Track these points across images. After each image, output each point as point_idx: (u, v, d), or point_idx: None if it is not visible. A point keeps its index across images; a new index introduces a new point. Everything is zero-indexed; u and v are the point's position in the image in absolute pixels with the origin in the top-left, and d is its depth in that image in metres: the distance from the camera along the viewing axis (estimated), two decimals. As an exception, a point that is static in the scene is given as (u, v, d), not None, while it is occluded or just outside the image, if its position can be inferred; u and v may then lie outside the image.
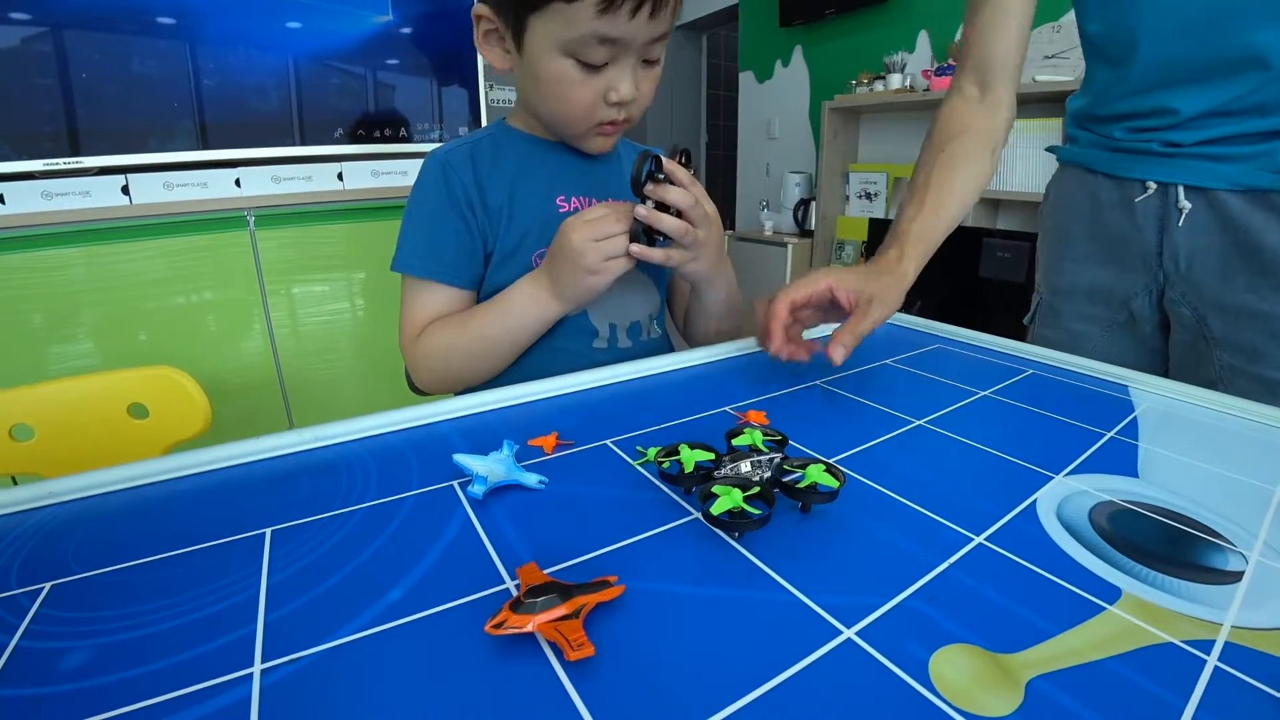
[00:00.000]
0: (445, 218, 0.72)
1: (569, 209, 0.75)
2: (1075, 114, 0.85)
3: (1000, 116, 0.80)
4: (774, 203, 3.76)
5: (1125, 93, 0.75)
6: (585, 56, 0.62)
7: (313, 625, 0.30)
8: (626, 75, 0.64)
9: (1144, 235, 0.77)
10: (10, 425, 0.83)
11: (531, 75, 0.66)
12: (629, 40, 0.61)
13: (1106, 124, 0.79)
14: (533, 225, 0.73)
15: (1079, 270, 0.86)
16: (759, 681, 0.27)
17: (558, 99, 0.66)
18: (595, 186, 0.78)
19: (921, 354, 0.72)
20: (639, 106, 0.69)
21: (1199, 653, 0.29)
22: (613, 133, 0.72)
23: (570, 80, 0.64)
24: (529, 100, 0.72)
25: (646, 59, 0.66)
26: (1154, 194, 0.75)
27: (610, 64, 0.63)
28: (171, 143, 1.58)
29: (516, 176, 0.74)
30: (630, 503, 0.41)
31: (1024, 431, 0.52)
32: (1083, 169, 0.83)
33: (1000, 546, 0.36)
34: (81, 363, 1.54)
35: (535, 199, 0.74)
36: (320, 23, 1.71)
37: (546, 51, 0.62)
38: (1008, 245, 2.33)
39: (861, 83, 3.02)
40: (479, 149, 0.74)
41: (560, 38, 0.60)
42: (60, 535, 0.38)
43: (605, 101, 0.66)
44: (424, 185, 0.74)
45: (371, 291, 1.88)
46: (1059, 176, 0.90)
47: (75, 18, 1.43)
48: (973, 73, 0.81)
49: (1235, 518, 0.40)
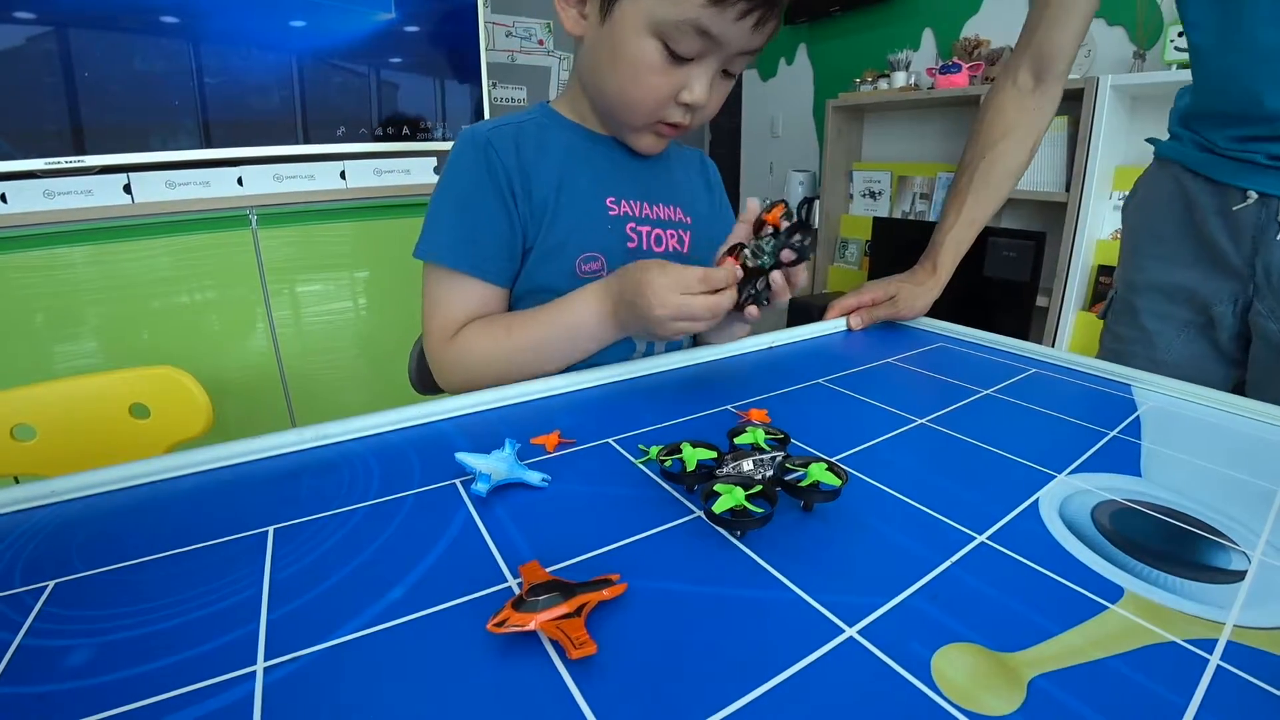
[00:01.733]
0: (485, 204, 0.66)
1: (619, 213, 0.71)
2: (1180, 112, 0.82)
3: (1048, 111, 0.82)
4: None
5: (1230, 103, 0.73)
6: (675, 44, 0.58)
7: (315, 623, 0.30)
8: (705, 77, 0.61)
9: (1238, 244, 0.75)
10: (12, 425, 0.83)
11: (610, 49, 0.61)
12: (725, 41, 0.58)
13: (1210, 128, 0.76)
14: (580, 225, 0.68)
15: (1162, 269, 0.84)
16: (761, 680, 0.27)
17: (631, 81, 0.61)
18: (648, 190, 0.74)
19: (924, 352, 0.72)
20: (704, 115, 0.65)
21: (1201, 652, 0.29)
22: (670, 135, 0.68)
23: (650, 65, 0.59)
24: (595, 76, 0.66)
25: (728, 70, 0.62)
26: (1254, 204, 0.73)
27: (695, 61, 0.60)
28: (174, 141, 1.59)
29: (564, 169, 0.69)
30: (632, 501, 0.41)
31: (1027, 430, 0.52)
32: (1180, 167, 0.81)
33: (1002, 545, 0.36)
34: (83, 362, 1.54)
35: (584, 196, 0.69)
36: (323, 20, 1.71)
37: (636, 27, 0.58)
38: (1013, 244, 2.32)
39: (866, 81, 3.01)
40: (524, 132, 0.69)
41: (656, 16, 0.56)
42: (63, 534, 0.38)
43: (676, 100, 0.62)
44: (460, 166, 0.67)
45: (374, 290, 1.88)
46: (1153, 172, 0.87)
47: (77, 17, 1.44)
48: (1031, 61, 0.82)
49: (1238, 517, 0.40)
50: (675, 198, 0.76)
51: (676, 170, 0.79)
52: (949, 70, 2.57)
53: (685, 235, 0.76)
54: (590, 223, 0.69)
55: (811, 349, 0.74)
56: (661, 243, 0.73)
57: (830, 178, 3.21)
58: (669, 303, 0.55)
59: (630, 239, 0.71)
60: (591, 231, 0.69)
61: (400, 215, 1.84)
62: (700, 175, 0.83)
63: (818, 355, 0.71)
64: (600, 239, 0.69)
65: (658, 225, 0.74)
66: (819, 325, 0.82)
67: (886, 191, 3.09)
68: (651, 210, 0.73)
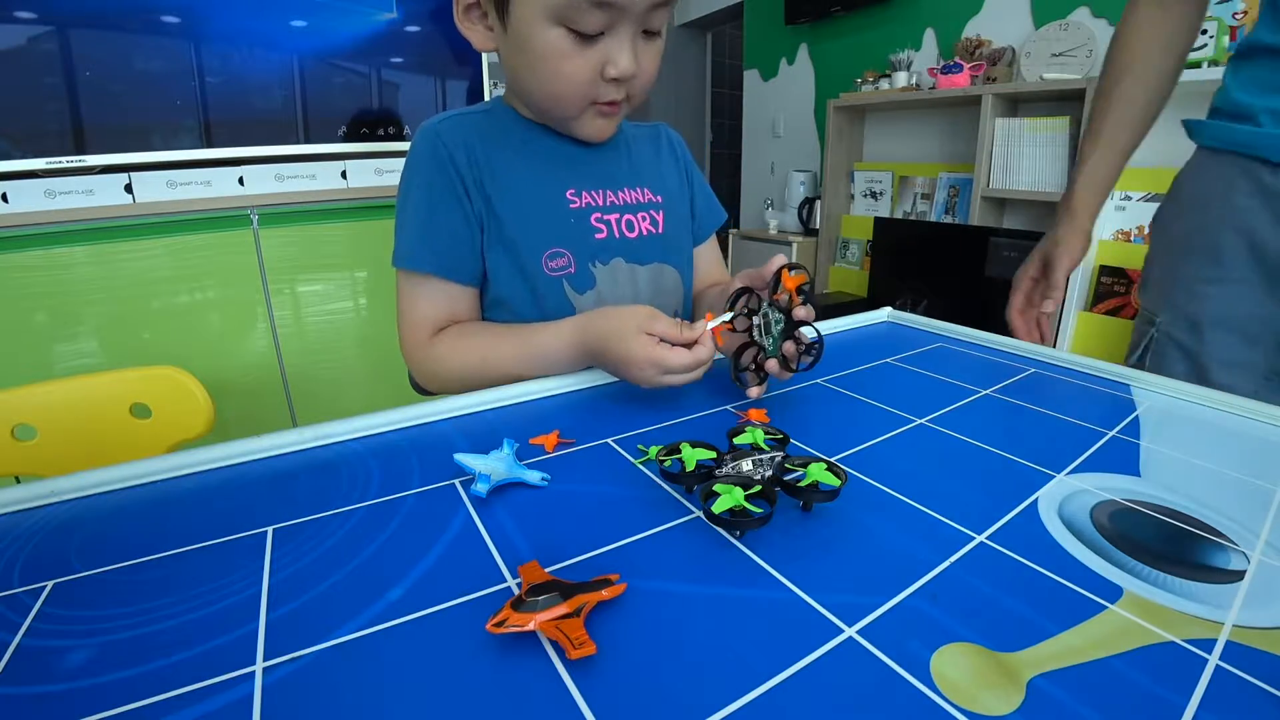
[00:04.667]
0: (441, 200, 0.65)
1: (581, 205, 0.69)
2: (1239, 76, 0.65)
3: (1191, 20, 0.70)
4: (779, 201, 3.76)
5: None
6: (578, 24, 0.56)
7: (314, 623, 0.30)
8: (625, 46, 0.58)
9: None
10: (13, 425, 0.83)
11: (518, 50, 0.60)
12: (627, 5, 0.55)
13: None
14: (541, 222, 0.67)
15: (1230, 298, 0.65)
16: (760, 680, 0.27)
17: (549, 76, 0.60)
18: (610, 177, 0.72)
19: (923, 353, 0.72)
20: (640, 84, 0.62)
21: (1200, 652, 0.29)
22: (612, 114, 0.65)
23: (562, 53, 0.57)
24: (517, 83, 0.65)
25: (647, 29, 0.59)
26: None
27: (607, 34, 0.57)
28: (175, 141, 1.59)
29: (519, 166, 0.67)
30: (632, 501, 0.41)
31: (1026, 430, 0.52)
32: (1248, 159, 0.64)
33: (1002, 545, 0.36)
34: (84, 362, 1.54)
35: (543, 193, 0.68)
36: (325, 20, 1.71)
37: (534, 21, 0.56)
38: (1013, 244, 2.32)
39: (867, 81, 3.01)
40: (477, 127, 0.67)
41: (550, 3, 0.55)
42: (62, 534, 0.38)
43: (603, 77, 0.59)
44: (415, 164, 0.67)
45: (375, 290, 1.88)
46: (1204, 166, 0.69)
47: (78, 16, 1.44)
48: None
49: (1237, 517, 0.40)
50: (640, 179, 0.74)
51: (637, 149, 0.77)
52: (950, 70, 2.57)
53: (658, 215, 0.75)
54: (551, 219, 0.67)
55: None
56: (634, 228, 0.72)
57: (831, 178, 3.21)
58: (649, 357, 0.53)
59: (598, 230, 0.70)
60: (554, 228, 0.67)
61: (401, 215, 1.83)
62: (664, 148, 0.81)
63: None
64: (564, 234, 0.68)
65: (627, 210, 0.72)
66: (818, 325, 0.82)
67: (888, 192, 3.09)
68: (617, 196, 0.72)
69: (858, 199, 3.24)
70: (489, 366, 0.64)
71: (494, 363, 0.64)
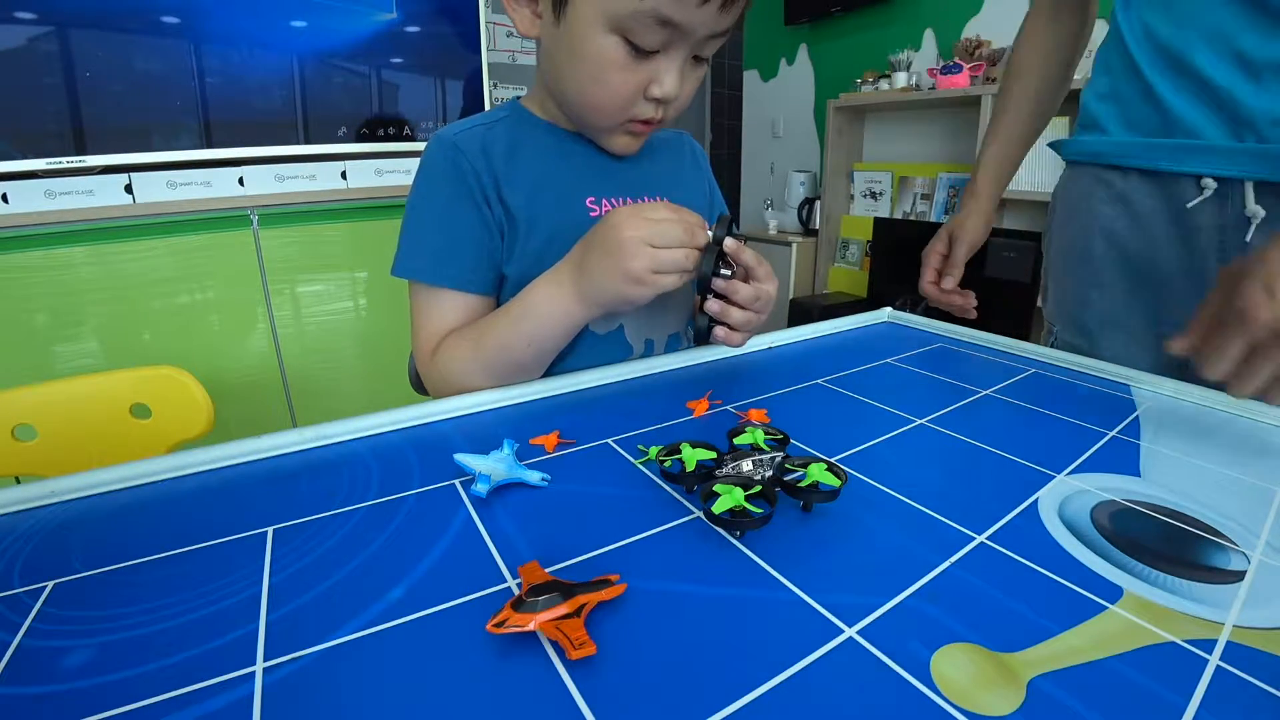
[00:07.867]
0: (458, 212, 0.63)
1: (600, 213, 0.67)
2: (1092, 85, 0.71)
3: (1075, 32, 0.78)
4: (778, 202, 3.76)
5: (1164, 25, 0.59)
6: (637, 38, 0.54)
7: (314, 624, 0.30)
8: (674, 69, 0.57)
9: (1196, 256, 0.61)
10: (13, 425, 0.83)
11: (567, 49, 0.57)
12: (690, 28, 0.54)
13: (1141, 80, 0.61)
14: (560, 230, 0.64)
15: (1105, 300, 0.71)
16: (760, 680, 0.27)
17: (594, 82, 0.58)
18: (631, 185, 0.70)
19: (923, 353, 0.72)
20: (676, 108, 0.62)
21: (1201, 652, 0.29)
22: (643, 133, 0.64)
23: (613, 63, 0.56)
24: (556, 79, 0.63)
25: (698, 55, 0.58)
26: (1211, 198, 0.58)
27: (661, 53, 0.56)
28: (175, 141, 1.59)
29: (539, 173, 0.66)
30: (632, 501, 0.41)
31: (1026, 431, 0.52)
32: (1102, 168, 0.70)
33: (1002, 545, 0.36)
34: (84, 362, 1.55)
35: (562, 200, 0.66)
36: (324, 20, 1.71)
37: (593, 24, 0.54)
38: (1013, 245, 2.32)
39: (867, 81, 3.01)
40: (493, 135, 0.66)
41: (614, 10, 0.53)
42: (62, 534, 0.38)
43: (645, 95, 0.58)
44: (430, 174, 0.65)
45: (375, 291, 1.88)
46: (1069, 177, 0.77)
47: (78, 16, 1.44)
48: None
49: (1237, 517, 0.40)
50: (660, 187, 0.73)
51: (659, 157, 0.75)
52: (950, 71, 2.58)
53: None
54: (571, 226, 0.64)
55: (811, 349, 0.74)
56: None
57: (831, 178, 3.21)
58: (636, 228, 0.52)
59: None
60: (573, 236, 0.64)
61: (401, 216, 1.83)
62: (686, 158, 0.80)
63: (818, 355, 0.71)
64: None
65: None
66: (819, 325, 0.82)
67: (887, 192, 3.10)
68: None
69: (857, 199, 3.24)
70: (484, 348, 0.60)
71: (487, 340, 0.60)
